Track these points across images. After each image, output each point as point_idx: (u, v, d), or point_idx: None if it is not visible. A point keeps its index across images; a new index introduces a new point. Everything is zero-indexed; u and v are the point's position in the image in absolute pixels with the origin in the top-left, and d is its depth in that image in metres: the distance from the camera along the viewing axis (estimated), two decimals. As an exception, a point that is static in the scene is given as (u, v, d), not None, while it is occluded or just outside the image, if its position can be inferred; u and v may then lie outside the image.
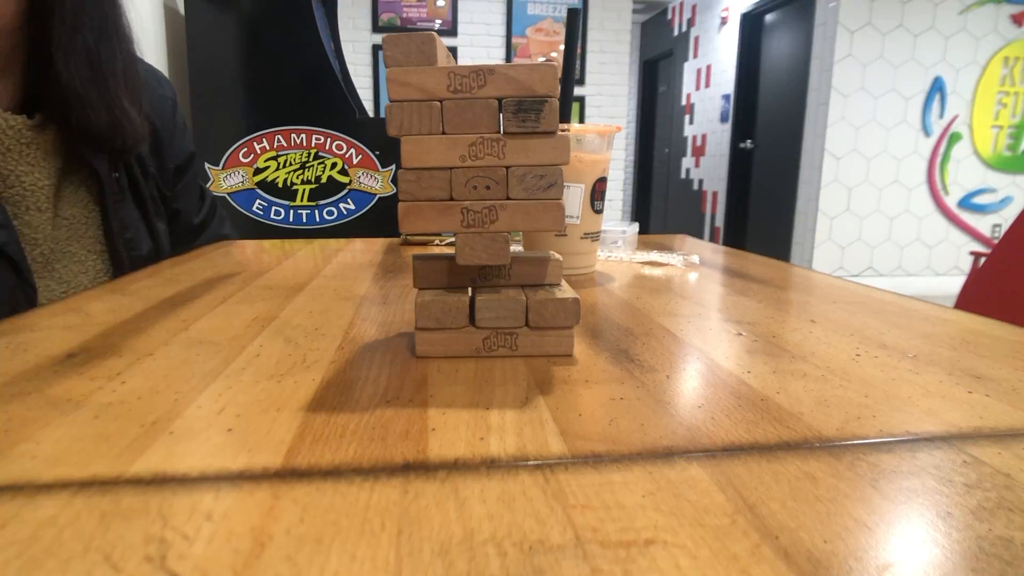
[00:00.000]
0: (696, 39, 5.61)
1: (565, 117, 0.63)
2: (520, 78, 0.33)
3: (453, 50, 4.57)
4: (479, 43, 4.67)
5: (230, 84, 1.58)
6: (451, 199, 0.34)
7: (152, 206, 0.67)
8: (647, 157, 7.03)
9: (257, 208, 1.71)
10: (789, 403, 0.29)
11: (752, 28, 4.82)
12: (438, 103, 0.33)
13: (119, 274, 0.68)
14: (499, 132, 0.33)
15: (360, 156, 1.58)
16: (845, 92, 3.94)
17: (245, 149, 1.58)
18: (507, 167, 0.34)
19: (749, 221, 5.06)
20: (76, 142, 0.56)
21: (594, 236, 0.64)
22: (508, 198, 0.34)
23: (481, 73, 0.33)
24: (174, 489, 0.21)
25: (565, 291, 0.36)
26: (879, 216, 4.14)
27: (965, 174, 4.13)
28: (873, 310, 0.48)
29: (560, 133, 0.33)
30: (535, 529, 0.19)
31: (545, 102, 0.33)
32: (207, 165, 1.58)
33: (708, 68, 5.40)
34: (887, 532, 0.19)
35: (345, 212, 1.74)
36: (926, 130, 4.04)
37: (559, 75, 0.36)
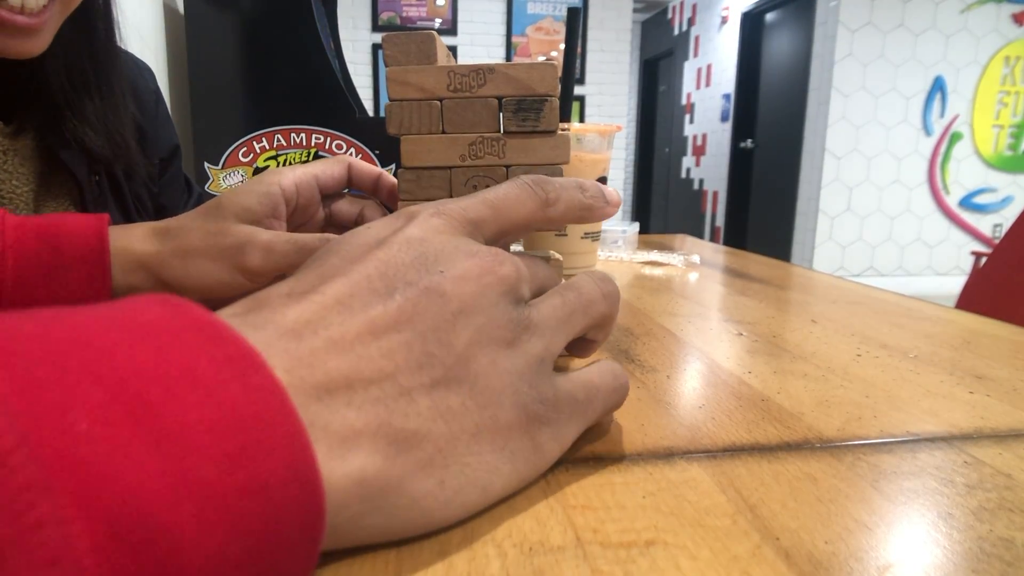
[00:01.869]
0: (696, 38, 5.61)
1: (565, 116, 0.62)
2: (520, 77, 0.32)
3: (453, 49, 4.57)
4: (479, 42, 4.67)
5: (230, 84, 1.58)
6: (451, 199, 0.34)
7: (136, 207, 0.66)
8: (647, 157, 7.03)
9: (257, 207, 1.69)
10: (790, 403, 0.29)
11: (752, 27, 4.82)
12: (438, 102, 0.33)
13: None
14: (499, 131, 0.33)
15: (360, 156, 1.57)
16: (846, 91, 3.94)
17: (245, 148, 1.58)
18: (507, 166, 0.34)
19: (749, 221, 5.06)
20: (54, 146, 0.55)
21: (594, 236, 0.64)
22: (508, 198, 0.34)
23: (481, 72, 0.33)
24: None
25: (565, 291, 0.36)
26: (880, 216, 4.14)
27: (966, 174, 4.13)
28: (874, 310, 0.48)
29: (560, 132, 0.33)
30: (535, 530, 0.19)
31: (545, 101, 0.33)
32: (207, 165, 1.58)
33: (708, 67, 5.40)
34: (888, 533, 0.19)
35: (345, 211, 1.73)
36: (927, 129, 4.04)
37: (559, 74, 0.36)
